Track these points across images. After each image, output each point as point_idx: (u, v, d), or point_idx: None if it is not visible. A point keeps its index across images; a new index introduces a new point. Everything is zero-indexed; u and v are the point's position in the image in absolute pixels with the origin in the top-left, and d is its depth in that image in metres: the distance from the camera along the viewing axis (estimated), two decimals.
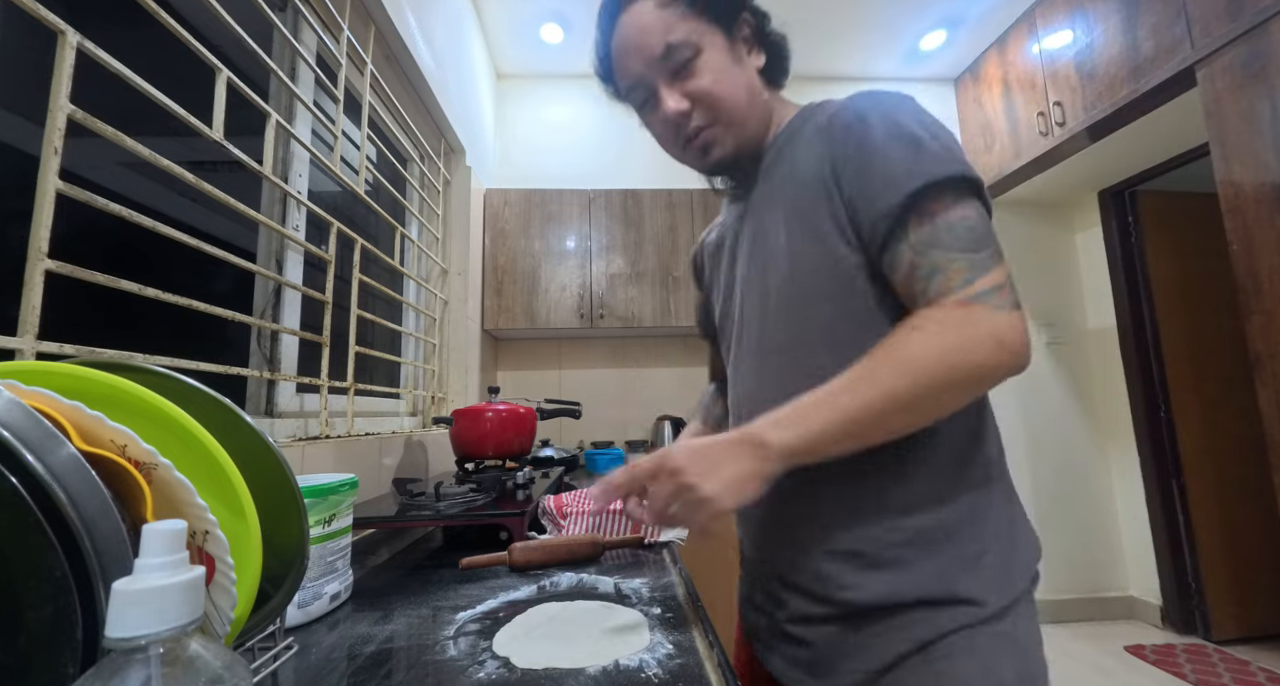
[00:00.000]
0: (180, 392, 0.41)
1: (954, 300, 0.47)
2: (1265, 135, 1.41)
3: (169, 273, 0.81)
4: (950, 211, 0.50)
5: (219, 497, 0.37)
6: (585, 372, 2.59)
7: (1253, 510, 2.29)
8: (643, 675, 0.44)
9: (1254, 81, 1.44)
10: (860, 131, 0.54)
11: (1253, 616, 2.28)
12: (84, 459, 0.29)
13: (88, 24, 0.64)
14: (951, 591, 0.50)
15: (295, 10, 1.15)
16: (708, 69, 0.58)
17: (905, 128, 0.52)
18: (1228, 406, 2.39)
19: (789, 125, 0.63)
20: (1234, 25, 1.49)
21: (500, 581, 0.71)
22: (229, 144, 0.85)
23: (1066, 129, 2.07)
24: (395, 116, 1.61)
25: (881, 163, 0.51)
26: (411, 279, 1.77)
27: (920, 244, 0.50)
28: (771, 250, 0.60)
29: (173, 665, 0.23)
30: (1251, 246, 1.44)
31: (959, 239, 0.49)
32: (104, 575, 0.28)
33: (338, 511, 0.64)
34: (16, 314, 0.58)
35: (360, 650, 0.52)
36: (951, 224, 0.49)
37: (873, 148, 0.52)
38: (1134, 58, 1.79)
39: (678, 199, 2.40)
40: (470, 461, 1.42)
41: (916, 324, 0.48)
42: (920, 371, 0.46)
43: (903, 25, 2.49)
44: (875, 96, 0.56)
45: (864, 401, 0.46)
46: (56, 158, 0.60)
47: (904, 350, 0.47)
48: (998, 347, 0.46)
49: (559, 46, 2.54)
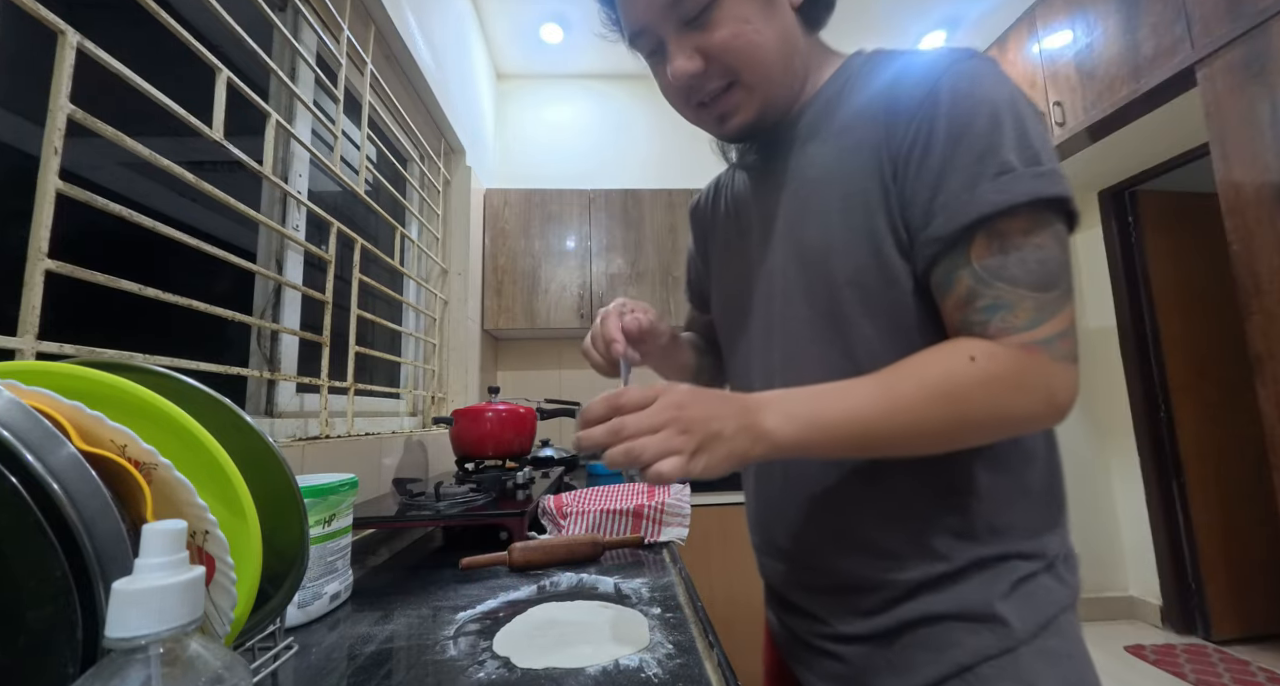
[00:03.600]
0: (180, 392, 0.41)
1: (1017, 342, 0.42)
2: (1265, 135, 1.41)
3: (169, 273, 0.81)
4: (1026, 238, 0.43)
5: (219, 497, 0.37)
6: (585, 373, 2.59)
7: (1253, 510, 2.30)
8: (643, 675, 0.44)
9: (1254, 81, 1.44)
10: (930, 114, 0.45)
11: (1252, 616, 2.28)
12: (84, 459, 0.29)
13: (88, 24, 0.64)
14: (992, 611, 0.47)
15: (295, 10, 1.15)
16: (729, 17, 0.48)
17: (988, 118, 0.43)
18: (1228, 406, 2.39)
19: (832, 81, 0.53)
20: (1234, 25, 1.48)
21: (500, 581, 0.71)
22: (229, 144, 0.84)
23: (1066, 129, 2.06)
24: (395, 116, 1.61)
25: (953, 168, 0.44)
26: (411, 279, 1.77)
27: (986, 272, 0.43)
28: (811, 246, 0.52)
29: (173, 665, 0.23)
30: (1251, 246, 1.44)
31: (1030, 273, 0.43)
32: (104, 575, 0.28)
33: (338, 511, 0.64)
34: (16, 314, 0.58)
35: (360, 650, 0.52)
36: (1024, 255, 0.43)
37: (945, 143, 0.44)
38: (1134, 58, 1.79)
39: (678, 199, 2.40)
40: (470, 461, 1.42)
41: (975, 355, 0.42)
42: (966, 410, 0.42)
43: (902, 26, 2.49)
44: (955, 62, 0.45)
45: (893, 425, 0.42)
46: (56, 158, 0.60)
47: (955, 382, 0.42)
48: (1048, 402, 0.42)
49: (559, 46, 2.54)
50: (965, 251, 0.44)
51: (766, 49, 0.50)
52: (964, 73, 0.45)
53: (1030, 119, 0.44)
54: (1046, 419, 0.43)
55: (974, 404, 0.42)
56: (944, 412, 0.42)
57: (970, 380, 0.42)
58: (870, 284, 0.49)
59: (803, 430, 0.42)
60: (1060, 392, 0.42)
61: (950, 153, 0.44)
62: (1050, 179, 0.42)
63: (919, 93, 0.46)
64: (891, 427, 0.42)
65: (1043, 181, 0.42)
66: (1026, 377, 0.42)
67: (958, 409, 0.42)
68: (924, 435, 0.43)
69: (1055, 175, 0.43)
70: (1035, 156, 0.43)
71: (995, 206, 0.42)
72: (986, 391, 0.42)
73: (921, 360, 0.44)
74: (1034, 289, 0.42)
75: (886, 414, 0.42)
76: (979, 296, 0.44)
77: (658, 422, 0.40)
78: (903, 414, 0.42)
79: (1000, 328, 0.43)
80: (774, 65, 0.51)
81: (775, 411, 0.42)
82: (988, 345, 0.43)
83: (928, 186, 0.45)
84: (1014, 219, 0.43)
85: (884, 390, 0.43)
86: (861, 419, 0.42)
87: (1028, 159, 0.43)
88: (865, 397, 0.43)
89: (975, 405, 0.42)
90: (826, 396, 0.44)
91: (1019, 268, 0.43)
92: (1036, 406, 0.42)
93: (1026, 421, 0.43)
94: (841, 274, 0.50)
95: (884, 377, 0.44)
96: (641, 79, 2.70)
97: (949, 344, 0.45)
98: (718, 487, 1.82)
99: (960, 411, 0.42)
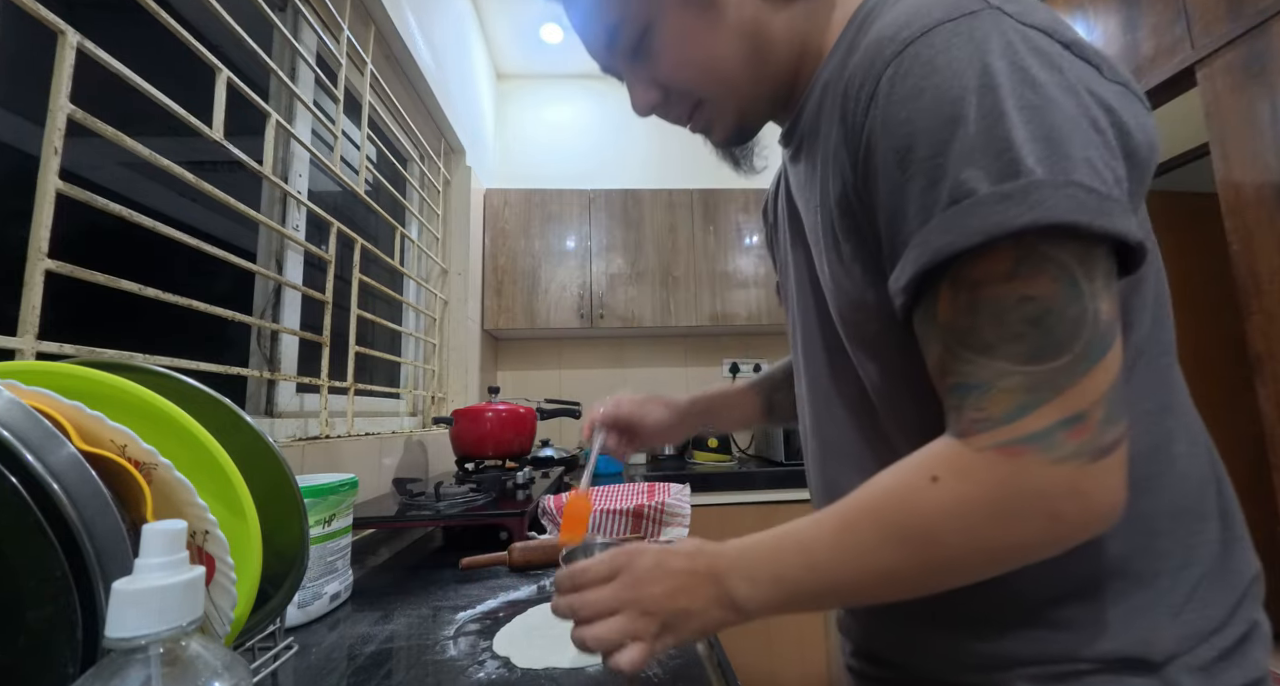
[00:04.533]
0: (180, 392, 0.41)
1: (992, 442, 0.30)
2: (1265, 135, 1.41)
3: (169, 272, 0.81)
4: (1008, 285, 0.30)
5: (219, 497, 0.37)
6: (585, 372, 2.59)
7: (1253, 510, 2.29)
8: (642, 675, 0.44)
9: (1254, 81, 1.44)
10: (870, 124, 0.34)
11: None
12: (84, 459, 0.29)
13: (88, 24, 0.64)
14: None
15: (295, 10, 1.15)
16: (668, 41, 0.43)
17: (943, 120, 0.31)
18: (1227, 406, 2.39)
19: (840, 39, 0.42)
20: (1234, 25, 1.49)
21: (500, 581, 0.71)
22: (229, 144, 0.84)
23: None
24: (395, 116, 1.61)
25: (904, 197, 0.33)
26: (411, 279, 1.77)
27: (951, 337, 0.32)
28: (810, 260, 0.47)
29: (173, 665, 0.23)
30: (1251, 246, 1.44)
31: (1012, 337, 0.30)
32: (104, 575, 0.28)
33: (338, 511, 0.64)
34: (16, 314, 0.58)
35: (360, 650, 0.52)
36: (1001, 309, 0.30)
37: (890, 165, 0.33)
38: (1134, 58, 1.79)
39: (678, 199, 2.40)
40: (470, 461, 1.42)
41: (939, 473, 0.32)
42: (936, 554, 0.32)
43: None
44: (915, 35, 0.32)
45: (860, 578, 0.34)
46: (56, 158, 0.60)
47: (916, 516, 0.32)
48: (1050, 523, 0.31)
49: (559, 46, 2.54)
50: (934, 305, 0.33)
51: (717, 58, 0.43)
52: (918, 55, 0.32)
53: (1019, 94, 0.30)
54: (1069, 539, 0.31)
55: (946, 543, 0.32)
56: (911, 558, 0.33)
57: (935, 511, 0.32)
58: (857, 318, 0.41)
59: (769, 594, 0.36)
60: (1066, 505, 0.30)
61: (898, 178, 0.33)
62: (1032, 196, 0.28)
63: (864, 89, 0.34)
64: (859, 581, 0.34)
65: (1014, 205, 0.28)
66: (1007, 494, 0.31)
67: (925, 554, 0.33)
68: (901, 586, 0.34)
69: (1043, 188, 0.28)
70: (1012, 163, 0.29)
71: (940, 253, 0.30)
72: (959, 524, 0.31)
73: (879, 487, 0.35)
74: (1020, 360, 0.30)
75: (850, 565, 0.34)
76: (948, 370, 0.33)
77: (615, 604, 0.36)
78: (866, 563, 0.34)
79: (971, 420, 0.31)
80: (733, 70, 0.44)
81: (740, 576, 0.36)
82: (958, 452, 0.32)
83: (885, 222, 0.35)
84: (986, 260, 0.30)
85: (842, 534, 0.35)
86: (825, 574, 0.35)
87: (1000, 169, 0.29)
88: (824, 549, 0.35)
89: (948, 544, 0.32)
90: (785, 550, 0.36)
91: (992, 329, 0.30)
92: (1036, 533, 0.31)
93: (1031, 549, 0.32)
94: (833, 303, 0.44)
95: (844, 515, 0.35)
96: None
97: (914, 458, 0.34)
98: (718, 488, 1.82)
99: (929, 557, 0.33)
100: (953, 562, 0.33)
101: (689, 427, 0.71)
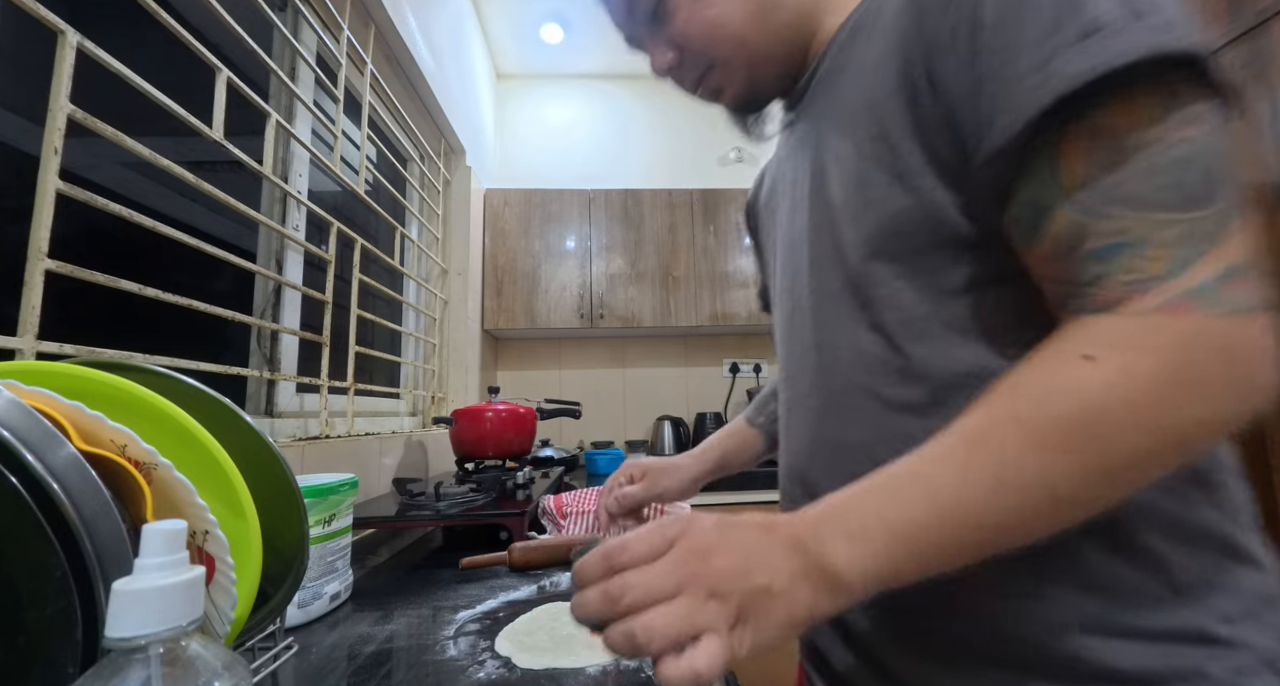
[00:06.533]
0: (180, 392, 0.41)
1: (1155, 302, 0.27)
2: (1265, 135, 1.41)
3: (169, 272, 0.81)
4: (1149, 130, 0.28)
5: (219, 497, 0.37)
6: (585, 372, 2.59)
7: None
8: (643, 675, 0.45)
9: (1254, 81, 1.44)
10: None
11: None
12: (84, 459, 0.29)
13: (88, 24, 0.64)
14: None
15: (295, 10, 1.14)
16: (680, 4, 0.47)
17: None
18: None
19: (857, 10, 0.43)
20: (1234, 25, 1.49)
21: (500, 581, 0.71)
22: (229, 144, 0.84)
23: None
24: (395, 116, 1.61)
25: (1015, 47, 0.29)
26: (411, 279, 1.77)
27: (1089, 195, 0.28)
28: (834, 197, 0.42)
29: (173, 665, 0.23)
30: None
31: (1166, 186, 0.27)
32: (104, 575, 0.28)
33: (338, 511, 0.64)
34: (16, 314, 0.58)
35: (360, 650, 0.52)
36: (1152, 156, 0.28)
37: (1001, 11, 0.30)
38: None
39: (678, 199, 2.40)
40: (470, 461, 1.42)
41: (1086, 349, 0.28)
42: (1101, 442, 0.27)
43: None
44: None
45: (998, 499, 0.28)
46: (56, 158, 0.60)
47: (1067, 402, 0.27)
48: (1234, 388, 0.27)
49: (559, 46, 2.54)
50: (1052, 168, 0.29)
51: (728, 19, 0.45)
52: None
53: None
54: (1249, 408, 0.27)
55: (1118, 430, 0.27)
56: (1074, 460, 0.27)
57: (1098, 391, 0.27)
58: (907, 230, 0.37)
59: (879, 550, 0.28)
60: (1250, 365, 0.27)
61: (1010, 25, 0.29)
62: (1177, 29, 0.27)
63: None
64: (1004, 506, 0.28)
65: (1163, 33, 0.27)
66: (1184, 364, 0.26)
67: (1092, 450, 0.27)
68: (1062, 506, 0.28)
69: (1182, 25, 0.27)
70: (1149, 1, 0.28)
71: (1082, 79, 0.27)
72: (1133, 402, 0.27)
73: (1008, 389, 0.29)
74: (1174, 207, 0.27)
75: (989, 487, 0.27)
76: (1088, 235, 0.28)
77: (672, 584, 0.27)
78: (1012, 479, 0.27)
79: (1128, 283, 0.28)
80: (744, 32, 0.46)
81: (833, 531, 0.29)
82: (1109, 323, 0.28)
83: (980, 80, 0.31)
84: (1125, 104, 0.28)
85: (971, 450, 0.28)
86: (956, 508, 0.28)
87: (1134, 7, 0.27)
88: (950, 473, 0.28)
89: (1121, 431, 0.27)
90: (894, 488, 0.29)
91: (1146, 179, 0.27)
92: (1220, 402, 0.27)
93: (1215, 425, 0.28)
94: (866, 225, 0.39)
95: (964, 431, 0.29)
96: (642, 79, 2.70)
97: (1040, 352, 0.30)
98: (718, 488, 1.82)
99: (1098, 453, 0.27)
100: (1129, 457, 0.27)
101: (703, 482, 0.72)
